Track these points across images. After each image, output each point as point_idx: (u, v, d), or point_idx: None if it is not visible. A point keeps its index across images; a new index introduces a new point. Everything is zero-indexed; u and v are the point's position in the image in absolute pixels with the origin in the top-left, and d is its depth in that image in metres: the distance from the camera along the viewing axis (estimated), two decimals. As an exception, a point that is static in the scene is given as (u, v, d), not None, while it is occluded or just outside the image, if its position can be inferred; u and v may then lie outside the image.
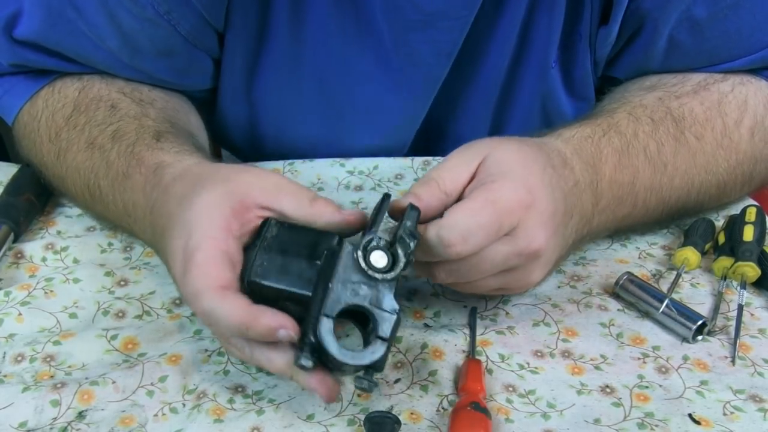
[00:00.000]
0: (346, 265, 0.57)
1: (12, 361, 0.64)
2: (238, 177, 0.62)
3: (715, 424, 0.61)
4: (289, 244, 0.59)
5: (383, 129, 0.85)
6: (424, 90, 0.81)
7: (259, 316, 0.55)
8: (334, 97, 0.82)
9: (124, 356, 0.65)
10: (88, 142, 0.73)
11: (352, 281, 0.57)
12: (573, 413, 0.61)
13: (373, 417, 0.58)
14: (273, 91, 0.82)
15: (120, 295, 0.71)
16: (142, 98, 0.76)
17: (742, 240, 0.74)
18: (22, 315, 0.68)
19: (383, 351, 0.56)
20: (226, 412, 0.60)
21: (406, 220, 0.58)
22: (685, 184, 0.73)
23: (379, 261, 0.57)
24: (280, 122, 0.85)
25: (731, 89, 0.76)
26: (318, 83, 0.81)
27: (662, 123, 0.72)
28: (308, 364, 0.55)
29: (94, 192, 0.73)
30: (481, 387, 0.61)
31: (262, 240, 0.59)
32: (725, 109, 0.74)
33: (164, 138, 0.71)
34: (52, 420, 0.60)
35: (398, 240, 0.58)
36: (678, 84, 0.76)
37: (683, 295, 0.72)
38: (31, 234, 0.77)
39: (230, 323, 0.56)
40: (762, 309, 0.71)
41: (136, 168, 0.69)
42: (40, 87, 0.78)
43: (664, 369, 0.65)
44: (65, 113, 0.76)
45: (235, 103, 0.83)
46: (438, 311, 0.70)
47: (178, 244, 0.60)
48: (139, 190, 0.68)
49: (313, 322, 0.55)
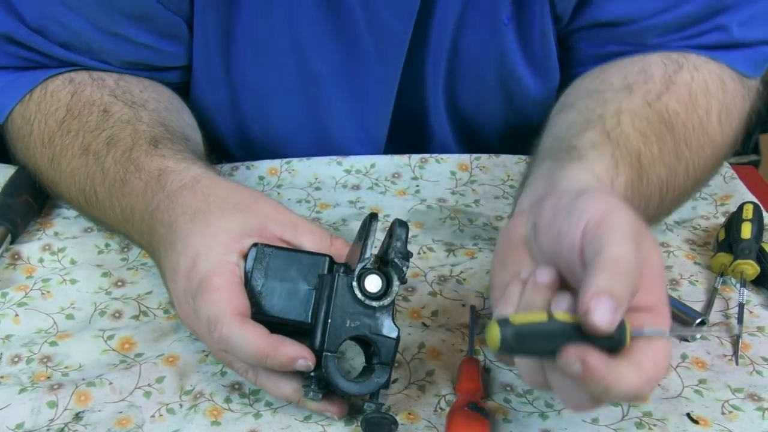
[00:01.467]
0: (342, 296, 0.57)
1: (9, 363, 0.64)
2: (257, 207, 0.63)
3: (714, 424, 0.60)
4: (282, 270, 0.60)
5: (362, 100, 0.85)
6: (394, 56, 0.81)
7: (280, 347, 0.56)
8: (311, 68, 0.82)
9: (121, 357, 0.65)
10: (83, 149, 0.73)
11: (350, 312, 0.57)
12: (571, 413, 0.61)
13: (371, 417, 0.58)
14: (251, 64, 0.82)
15: (117, 296, 0.71)
16: (134, 100, 0.76)
17: (740, 237, 0.74)
18: (18, 316, 0.68)
19: (386, 376, 0.58)
20: (223, 413, 0.60)
21: (396, 240, 0.58)
22: (677, 196, 0.73)
23: (373, 286, 0.57)
24: (261, 101, 0.85)
25: (691, 78, 0.75)
26: (295, 54, 0.81)
27: (664, 140, 0.70)
28: (318, 397, 0.57)
29: (90, 198, 0.73)
30: (478, 387, 0.61)
31: (256, 268, 0.60)
32: (696, 101, 0.74)
33: (161, 144, 0.70)
34: (48, 421, 0.59)
35: (391, 264, 0.58)
36: (647, 81, 0.74)
37: (681, 292, 0.72)
38: (28, 235, 0.77)
39: (249, 352, 0.56)
40: (761, 307, 0.71)
41: (134, 174, 0.68)
42: (32, 87, 0.77)
43: (663, 368, 0.65)
44: (58, 117, 0.75)
45: (213, 83, 0.84)
46: (436, 311, 0.70)
47: (184, 262, 0.60)
48: (138, 194, 0.68)
49: (318, 358, 0.56)
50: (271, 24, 0.79)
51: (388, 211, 0.82)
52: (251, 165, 0.87)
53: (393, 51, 0.81)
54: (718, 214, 0.82)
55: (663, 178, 0.69)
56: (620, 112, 0.69)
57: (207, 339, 0.60)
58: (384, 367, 0.57)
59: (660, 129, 0.70)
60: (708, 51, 0.78)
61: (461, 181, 0.87)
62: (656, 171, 0.68)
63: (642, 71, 0.76)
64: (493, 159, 0.89)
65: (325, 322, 0.57)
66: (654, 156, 0.68)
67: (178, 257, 0.61)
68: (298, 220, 0.64)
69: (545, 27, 0.81)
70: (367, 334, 0.57)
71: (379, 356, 0.57)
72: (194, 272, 0.59)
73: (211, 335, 0.57)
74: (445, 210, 0.82)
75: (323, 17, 0.79)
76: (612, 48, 0.79)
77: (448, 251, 0.77)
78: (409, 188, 0.85)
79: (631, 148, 0.66)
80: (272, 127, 0.88)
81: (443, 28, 0.81)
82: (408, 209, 0.82)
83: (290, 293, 0.59)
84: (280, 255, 0.60)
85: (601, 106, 0.71)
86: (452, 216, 0.82)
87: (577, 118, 0.70)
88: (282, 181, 0.86)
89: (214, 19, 0.79)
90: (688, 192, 0.76)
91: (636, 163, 0.66)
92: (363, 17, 0.78)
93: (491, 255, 0.76)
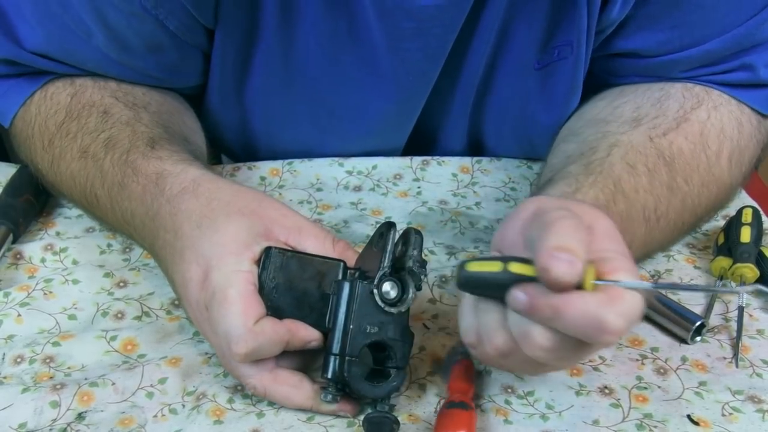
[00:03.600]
0: (363, 303, 0.58)
1: (11, 363, 0.64)
2: (261, 211, 0.63)
3: (714, 425, 0.61)
4: (297, 276, 0.61)
5: (375, 133, 0.85)
6: (416, 93, 0.80)
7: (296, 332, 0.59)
8: (325, 100, 0.82)
9: (124, 357, 0.65)
10: (81, 150, 0.72)
11: (369, 318, 0.58)
12: (572, 414, 0.61)
13: (372, 418, 0.58)
14: (264, 92, 0.82)
15: (119, 296, 0.71)
16: (136, 102, 0.76)
17: (740, 241, 0.74)
18: (21, 316, 0.68)
19: (401, 379, 0.60)
20: (225, 412, 0.60)
21: (413, 248, 0.59)
22: (672, 230, 0.72)
23: (391, 292, 0.59)
24: (271, 124, 0.85)
25: (707, 116, 0.75)
26: (309, 86, 0.80)
27: (657, 172, 0.70)
28: (337, 400, 0.59)
29: (91, 201, 0.73)
30: (468, 386, 0.61)
31: (269, 272, 0.60)
32: (707, 141, 0.73)
33: (159, 145, 0.70)
34: (51, 421, 0.60)
35: (408, 272, 0.59)
36: (660, 116, 0.74)
37: (681, 295, 0.72)
38: (30, 235, 0.77)
39: (274, 349, 0.59)
40: (760, 310, 0.72)
41: (132, 177, 0.68)
42: (33, 90, 0.77)
43: (663, 370, 0.66)
44: (57, 120, 0.75)
45: (226, 104, 0.83)
46: (436, 314, 0.70)
47: (196, 271, 0.60)
48: (137, 199, 0.68)
49: (339, 362, 0.58)
50: (289, 56, 0.78)
51: (390, 213, 0.82)
52: (253, 165, 0.87)
53: (418, 89, 0.80)
54: (718, 218, 0.82)
55: (650, 206, 0.68)
56: (615, 145, 0.70)
57: (225, 351, 0.60)
58: (399, 371, 0.59)
59: (655, 162, 0.70)
60: (731, 89, 0.77)
61: (462, 183, 0.87)
62: (640, 198, 0.68)
63: (657, 103, 0.75)
64: (494, 162, 0.89)
65: (346, 327, 0.58)
66: (639, 184, 0.68)
67: (188, 266, 0.61)
68: (303, 222, 0.64)
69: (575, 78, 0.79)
70: (385, 339, 0.59)
71: (395, 360, 0.59)
72: (208, 284, 0.59)
73: (231, 351, 0.58)
74: (447, 212, 0.83)
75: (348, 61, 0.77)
76: (635, 79, 0.79)
77: (449, 254, 0.77)
78: (410, 190, 0.86)
79: (609, 175, 0.67)
80: (280, 151, 0.88)
81: (475, 69, 0.80)
82: (409, 211, 0.83)
83: (305, 298, 0.60)
84: (294, 259, 0.61)
85: (600, 139, 0.71)
86: (453, 218, 0.82)
87: (574, 149, 0.71)
88: (284, 181, 0.86)
89: (233, 50, 0.78)
90: (685, 226, 0.74)
91: (611, 187, 0.66)
92: (389, 56, 0.76)
93: (492, 257, 0.76)
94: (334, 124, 0.84)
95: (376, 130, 0.85)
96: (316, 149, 0.87)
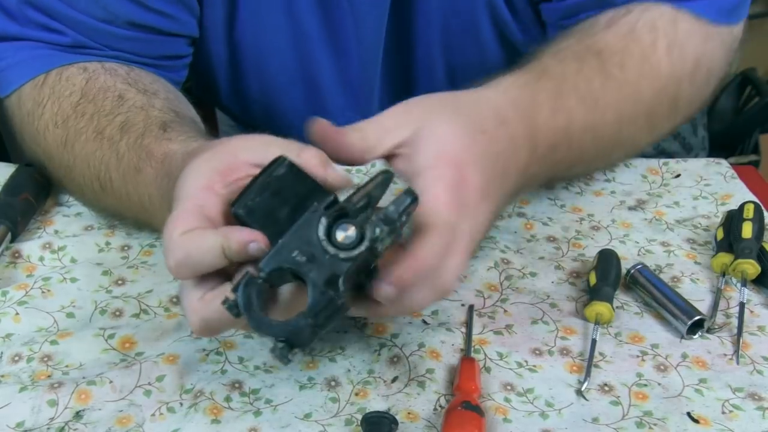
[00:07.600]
0: (304, 224, 0.52)
1: (9, 361, 0.64)
2: (227, 142, 0.60)
3: (714, 423, 0.61)
4: (286, 189, 0.54)
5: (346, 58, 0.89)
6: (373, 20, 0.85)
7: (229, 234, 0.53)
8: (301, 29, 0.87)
9: (122, 355, 0.65)
10: (97, 132, 0.72)
11: (304, 244, 0.51)
12: (571, 412, 0.61)
13: (371, 417, 0.58)
14: (250, 27, 0.87)
15: (117, 294, 0.71)
16: (147, 88, 0.76)
17: (741, 237, 0.73)
18: (19, 314, 0.68)
19: (299, 326, 0.50)
20: (223, 411, 0.60)
21: (393, 204, 0.53)
22: (615, 117, 0.73)
23: (344, 235, 0.51)
24: (258, 58, 0.90)
25: (637, 18, 0.76)
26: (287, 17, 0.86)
27: (585, 59, 0.72)
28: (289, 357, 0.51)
29: (105, 184, 0.72)
30: (475, 386, 0.61)
31: (265, 176, 0.55)
32: (637, 35, 0.75)
33: (170, 128, 0.70)
34: (49, 420, 0.59)
35: (369, 222, 0.52)
36: (590, 26, 0.76)
37: (683, 290, 0.72)
38: (28, 233, 0.77)
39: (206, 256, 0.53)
40: (761, 306, 0.71)
41: (146, 161, 0.68)
42: (46, 70, 0.77)
43: (663, 367, 0.65)
44: (72, 101, 0.75)
45: (216, 46, 0.89)
46: (436, 310, 0.70)
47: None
48: (152, 183, 0.67)
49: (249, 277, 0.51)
50: None
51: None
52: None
53: (372, 16, 0.85)
54: (719, 214, 0.82)
55: (582, 88, 0.70)
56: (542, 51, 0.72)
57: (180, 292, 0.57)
58: (302, 317, 0.50)
59: (583, 54, 0.73)
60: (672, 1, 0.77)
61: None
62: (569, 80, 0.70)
63: (593, 20, 0.77)
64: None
65: (277, 243, 0.52)
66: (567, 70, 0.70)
67: None
68: (271, 138, 0.59)
69: None
70: (305, 276, 0.50)
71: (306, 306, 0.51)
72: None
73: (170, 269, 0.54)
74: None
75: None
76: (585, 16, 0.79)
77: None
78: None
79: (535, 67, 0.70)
80: (267, 82, 0.92)
81: None
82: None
83: (279, 215, 0.54)
84: (295, 174, 0.55)
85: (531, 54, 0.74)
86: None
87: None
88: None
89: None
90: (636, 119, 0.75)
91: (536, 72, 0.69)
92: None
93: (491, 254, 0.76)
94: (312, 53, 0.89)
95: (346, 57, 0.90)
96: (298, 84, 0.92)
